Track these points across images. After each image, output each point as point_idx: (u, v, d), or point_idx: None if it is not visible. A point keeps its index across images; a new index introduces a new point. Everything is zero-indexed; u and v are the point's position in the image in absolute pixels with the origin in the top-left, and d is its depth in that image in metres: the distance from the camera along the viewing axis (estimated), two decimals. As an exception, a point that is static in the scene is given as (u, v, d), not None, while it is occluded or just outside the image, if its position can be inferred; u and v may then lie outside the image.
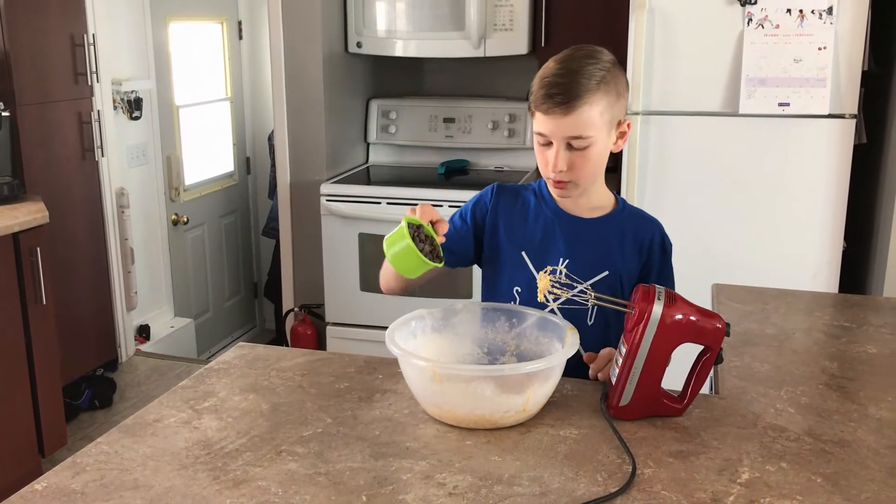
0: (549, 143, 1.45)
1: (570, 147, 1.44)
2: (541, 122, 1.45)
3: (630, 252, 1.54)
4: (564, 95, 1.40)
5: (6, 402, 2.66)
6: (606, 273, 1.52)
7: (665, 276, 1.56)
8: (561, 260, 1.52)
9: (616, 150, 1.52)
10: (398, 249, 1.36)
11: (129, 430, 1.27)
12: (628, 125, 1.51)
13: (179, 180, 4.27)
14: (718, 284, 2.04)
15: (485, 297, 1.63)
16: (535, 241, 1.55)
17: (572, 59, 1.44)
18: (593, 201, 1.55)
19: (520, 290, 1.54)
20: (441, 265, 1.39)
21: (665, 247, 1.58)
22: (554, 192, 1.52)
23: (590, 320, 1.52)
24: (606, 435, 1.25)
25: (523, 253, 1.55)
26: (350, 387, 1.43)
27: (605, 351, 1.41)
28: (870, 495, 1.10)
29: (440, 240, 1.39)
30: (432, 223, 1.39)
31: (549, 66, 1.45)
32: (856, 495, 1.10)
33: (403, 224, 1.36)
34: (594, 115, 1.42)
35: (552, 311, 1.50)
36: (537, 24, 3.39)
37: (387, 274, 1.58)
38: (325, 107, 3.57)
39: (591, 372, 1.42)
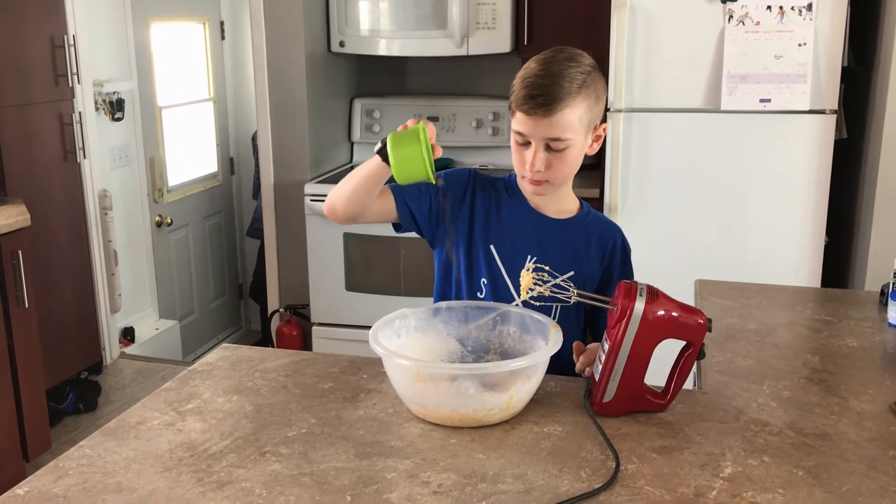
0: (528, 143, 1.46)
1: (547, 148, 1.45)
2: (520, 122, 1.45)
3: (594, 255, 1.57)
4: (546, 97, 1.41)
5: (-11, 407, 2.64)
6: (573, 273, 1.53)
7: (626, 278, 1.57)
8: (529, 257, 1.53)
9: (591, 153, 1.54)
10: (409, 151, 1.31)
11: (111, 433, 1.27)
12: (604, 129, 1.53)
13: (163, 181, 4.25)
14: (701, 280, 2.05)
15: (441, 284, 1.61)
16: (504, 236, 1.55)
17: (554, 61, 1.44)
18: (562, 203, 1.58)
19: (486, 281, 1.55)
20: (435, 183, 1.37)
21: (626, 251, 1.61)
22: (528, 189, 1.53)
23: (555, 318, 1.52)
24: (590, 431, 1.26)
25: (492, 247, 1.55)
26: (334, 387, 1.43)
27: (593, 345, 1.42)
28: (850, 487, 1.11)
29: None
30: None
31: (531, 66, 1.46)
32: (837, 488, 1.11)
33: (421, 127, 1.33)
34: (574, 119, 1.43)
35: (517, 304, 1.51)
36: (520, 22, 3.39)
37: (350, 191, 1.49)
38: (309, 106, 3.56)
39: (578, 366, 1.42)
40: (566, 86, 1.41)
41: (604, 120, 1.54)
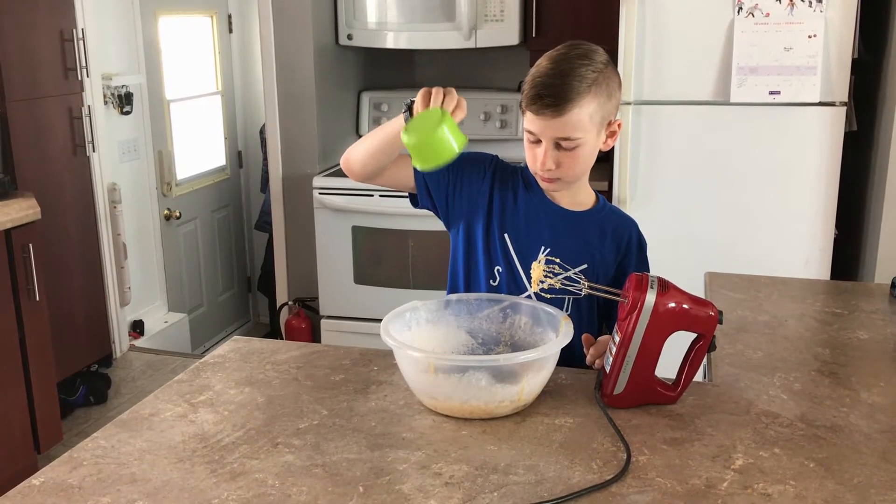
0: (539, 142, 1.46)
1: (558, 146, 1.44)
2: (530, 122, 1.45)
3: (609, 248, 1.56)
4: (554, 98, 1.40)
5: (0, 400, 2.65)
6: (585, 266, 1.53)
7: (642, 272, 1.57)
8: (543, 248, 1.53)
9: (606, 149, 1.53)
10: (431, 146, 1.31)
11: (125, 425, 1.27)
12: (618, 125, 1.51)
13: (171, 175, 4.26)
14: (711, 273, 2.04)
15: (453, 269, 1.61)
16: (519, 225, 1.55)
17: (565, 59, 1.43)
18: (577, 196, 1.57)
19: (500, 269, 1.55)
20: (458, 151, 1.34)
21: (641, 245, 1.60)
22: (541, 185, 1.54)
23: (566, 310, 1.52)
24: (601, 423, 1.26)
25: (506, 235, 1.55)
26: (345, 379, 1.43)
27: (604, 338, 1.42)
28: (862, 479, 1.11)
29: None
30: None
31: (542, 64, 1.45)
32: (848, 479, 1.11)
33: (444, 122, 1.31)
34: (584, 118, 1.42)
35: (528, 296, 1.51)
36: (528, 14, 3.38)
37: (369, 149, 1.49)
38: (317, 100, 3.57)
39: (588, 358, 1.42)
40: (575, 85, 1.39)
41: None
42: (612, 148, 2.95)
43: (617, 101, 1.49)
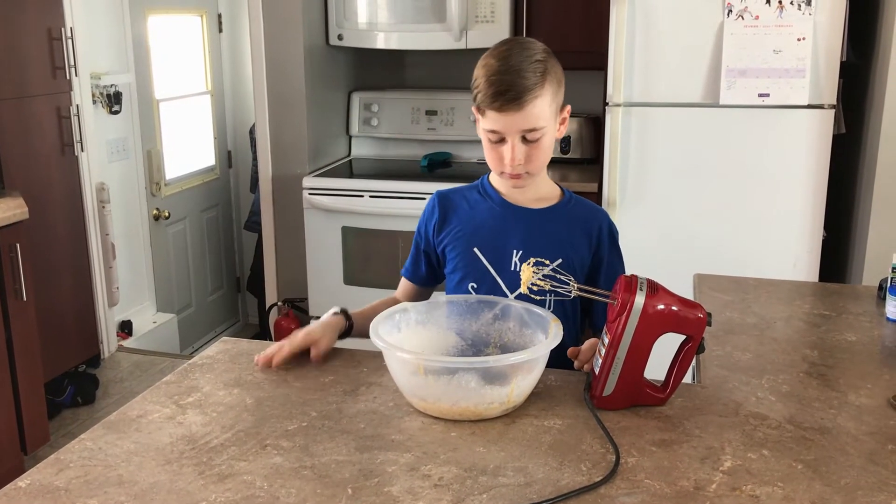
0: (502, 140, 1.48)
1: (523, 140, 1.47)
2: (493, 121, 1.46)
3: (580, 240, 1.57)
4: (516, 91, 1.42)
5: (-13, 400, 2.64)
6: (561, 260, 1.54)
7: (615, 262, 1.60)
8: (515, 251, 1.54)
9: (559, 137, 1.56)
10: None
11: (112, 426, 1.27)
12: (568, 111, 1.54)
13: (160, 175, 4.24)
14: (700, 274, 2.05)
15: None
16: (486, 235, 1.57)
17: (512, 55, 1.46)
18: (540, 191, 1.59)
19: (475, 286, 1.56)
20: None
21: (613, 234, 1.61)
22: (509, 184, 1.55)
23: (548, 307, 1.53)
24: (590, 425, 1.26)
25: (476, 249, 1.56)
26: (335, 380, 1.43)
27: (589, 342, 1.42)
28: (849, 481, 1.11)
29: None
30: None
31: (491, 63, 1.47)
32: (836, 481, 1.11)
33: None
34: (545, 107, 1.45)
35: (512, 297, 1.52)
36: (519, 15, 3.39)
37: None
38: (307, 100, 3.56)
39: (576, 364, 1.43)
40: (530, 76, 1.43)
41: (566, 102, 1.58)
42: (602, 150, 2.98)
43: (563, 87, 1.53)
